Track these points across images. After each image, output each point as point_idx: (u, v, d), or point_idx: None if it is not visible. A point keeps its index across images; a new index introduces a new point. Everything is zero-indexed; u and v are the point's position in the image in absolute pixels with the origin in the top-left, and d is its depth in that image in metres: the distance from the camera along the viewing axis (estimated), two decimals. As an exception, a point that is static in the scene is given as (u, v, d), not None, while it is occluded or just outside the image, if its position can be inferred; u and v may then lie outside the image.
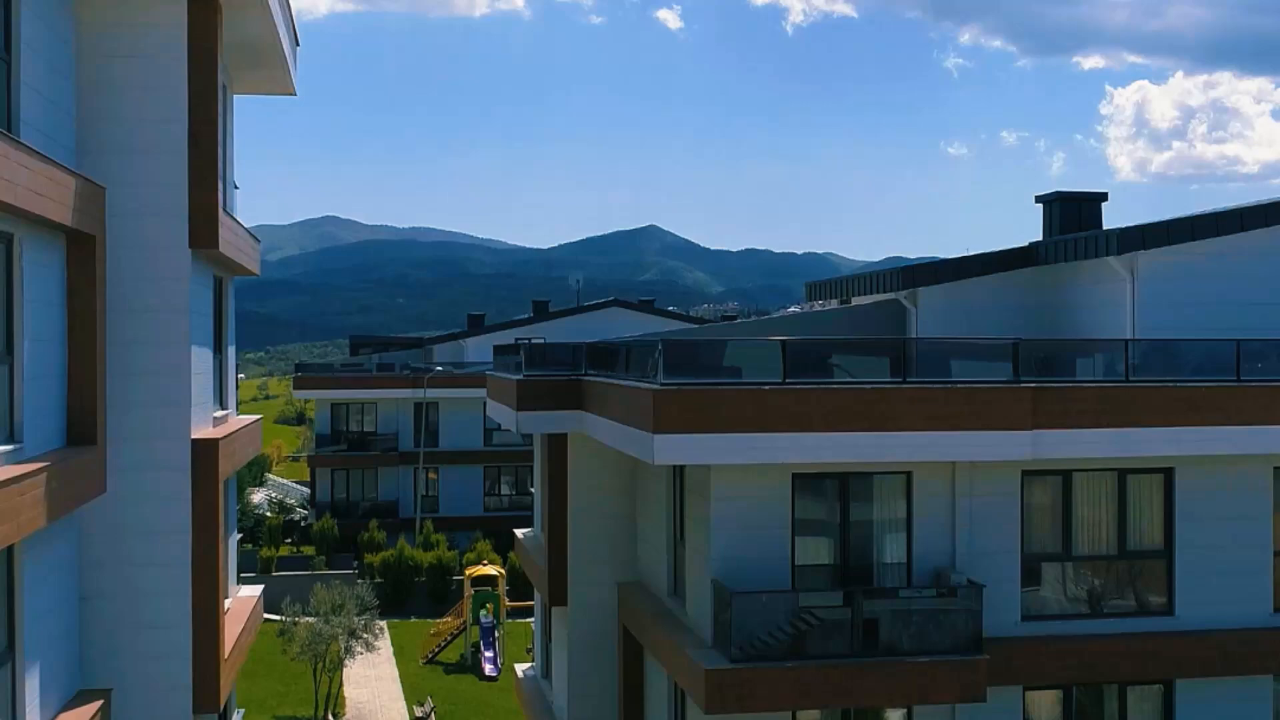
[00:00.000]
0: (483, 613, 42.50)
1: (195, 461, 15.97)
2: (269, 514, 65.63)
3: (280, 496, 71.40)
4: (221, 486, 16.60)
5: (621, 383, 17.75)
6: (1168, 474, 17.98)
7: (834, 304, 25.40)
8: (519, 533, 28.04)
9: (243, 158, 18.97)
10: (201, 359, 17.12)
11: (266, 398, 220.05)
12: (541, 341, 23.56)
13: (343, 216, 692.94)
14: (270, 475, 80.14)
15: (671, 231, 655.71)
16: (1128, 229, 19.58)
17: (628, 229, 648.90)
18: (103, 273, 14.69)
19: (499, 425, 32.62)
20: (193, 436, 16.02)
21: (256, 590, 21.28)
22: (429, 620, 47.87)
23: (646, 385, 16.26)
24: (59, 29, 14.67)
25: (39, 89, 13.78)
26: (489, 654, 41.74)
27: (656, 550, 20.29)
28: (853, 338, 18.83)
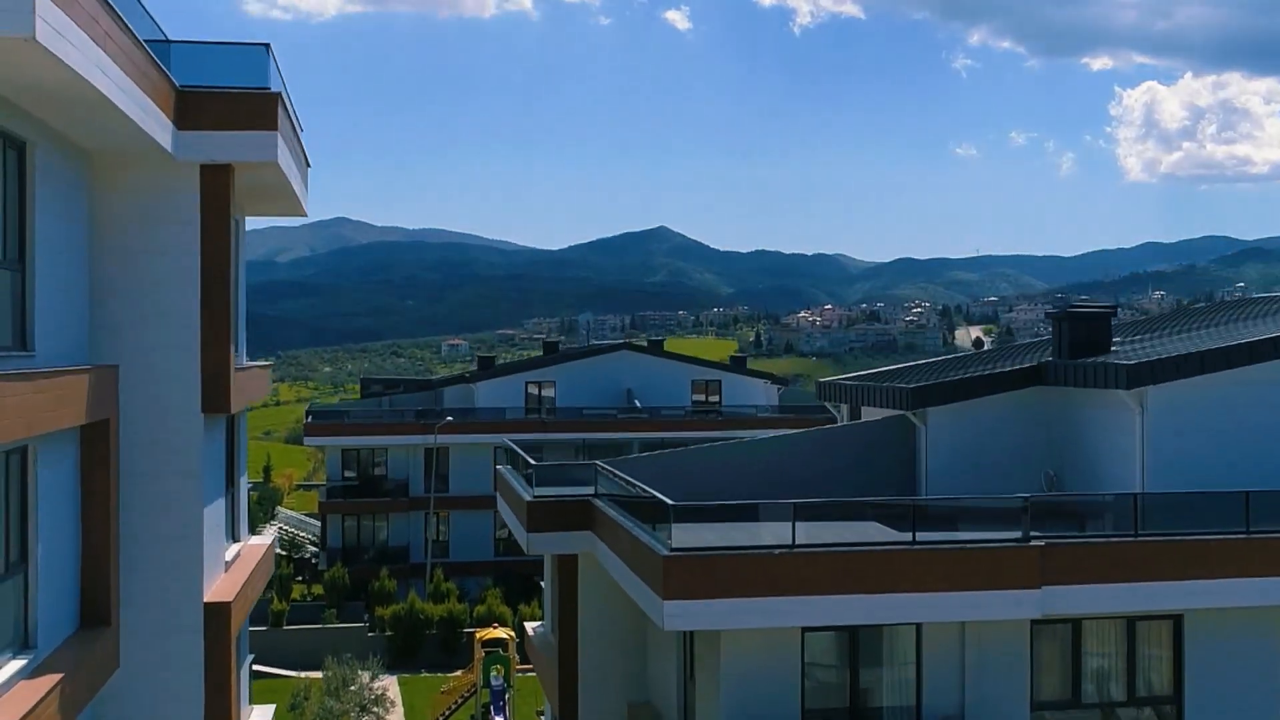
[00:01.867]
0: (493, 674, 42.52)
1: (208, 623, 16.05)
2: (281, 552, 65.68)
3: (292, 533, 71.45)
4: (234, 645, 16.67)
5: (632, 529, 17.79)
6: (1177, 621, 18.00)
7: (844, 410, 25.43)
8: (529, 627, 28.12)
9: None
10: (214, 511, 17.18)
11: (277, 404, 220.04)
12: (548, 461, 23.70)
13: (353, 218, 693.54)
14: (281, 508, 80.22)
15: (681, 232, 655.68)
16: (1137, 364, 19.55)
17: (637, 230, 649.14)
18: (116, 449, 14.72)
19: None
20: (205, 600, 16.10)
21: (269, 712, 21.37)
22: (440, 675, 47.95)
23: (657, 547, 16.30)
24: (73, 213, 14.65)
25: (54, 282, 13.75)
26: (499, 719, 41.74)
27: (667, 675, 20.35)
28: (865, 499, 18.94)
